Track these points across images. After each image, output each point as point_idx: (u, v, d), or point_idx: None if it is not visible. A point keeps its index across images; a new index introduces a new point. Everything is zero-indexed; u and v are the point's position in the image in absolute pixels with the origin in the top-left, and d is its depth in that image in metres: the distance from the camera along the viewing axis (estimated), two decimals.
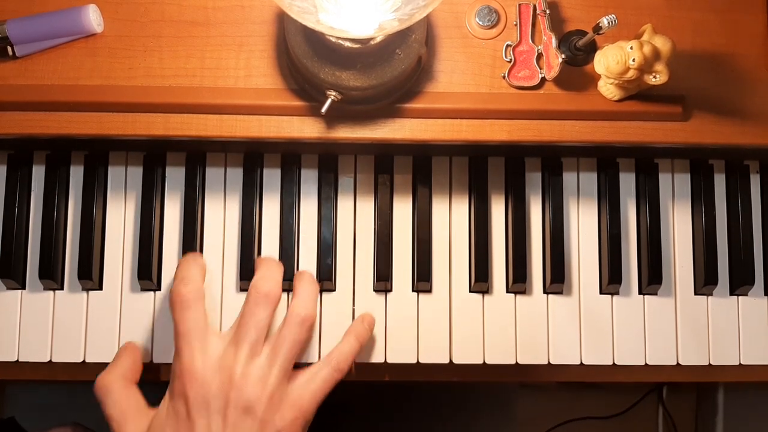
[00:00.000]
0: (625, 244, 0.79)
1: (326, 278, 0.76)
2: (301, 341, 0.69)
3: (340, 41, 0.64)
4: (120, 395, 0.67)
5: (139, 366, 0.71)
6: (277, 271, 0.72)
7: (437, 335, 0.76)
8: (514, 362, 0.76)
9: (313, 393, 0.68)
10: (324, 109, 0.67)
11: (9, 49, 0.71)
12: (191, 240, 0.75)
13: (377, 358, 0.76)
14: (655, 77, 0.68)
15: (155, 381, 0.75)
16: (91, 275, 0.75)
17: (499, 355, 0.76)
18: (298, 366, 0.71)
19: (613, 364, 0.77)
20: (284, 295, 0.76)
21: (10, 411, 1.12)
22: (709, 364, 0.78)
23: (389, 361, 0.76)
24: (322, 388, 0.69)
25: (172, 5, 0.72)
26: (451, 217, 0.78)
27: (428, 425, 1.16)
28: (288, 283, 0.75)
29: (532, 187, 0.79)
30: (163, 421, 0.66)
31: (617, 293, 0.78)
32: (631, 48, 0.67)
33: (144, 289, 0.76)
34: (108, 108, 0.71)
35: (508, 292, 0.78)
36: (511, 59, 0.72)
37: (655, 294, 0.78)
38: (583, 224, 0.79)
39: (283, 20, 0.69)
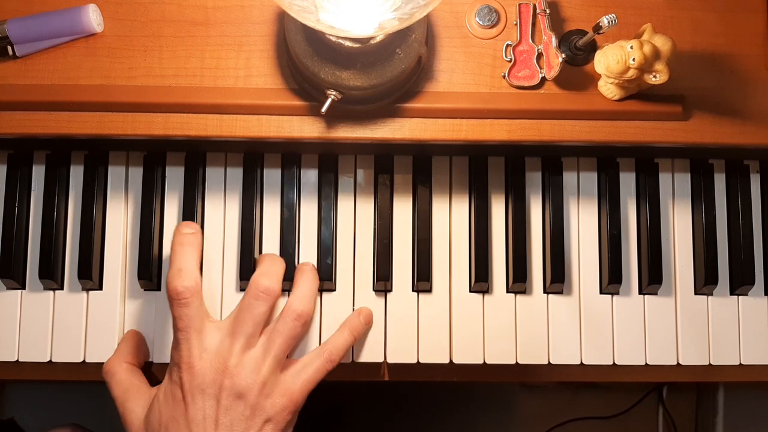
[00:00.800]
0: (625, 244, 0.79)
1: (326, 278, 0.76)
2: (296, 336, 0.71)
3: (340, 41, 0.64)
4: (122, 376, 0.71)
5: (141, 348, 0.74)
6: (278, 268, 0.73)
7: (437, 335, 0.76)
8: (514, 362, 0.76)
9: (304, 382, 0.70)
10: (324, 109, 0.67)
11: (9, 48, 0.71)
12: None
13: (377, 358, 0.76)
14: (655, 77, 0.68)
15: (155, 382, 0.75)
16: (91, 275, 0.75)
17: (499, 355, 0.76)
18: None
19: (613, 364, 0.77)
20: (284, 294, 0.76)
21: (10, 411, 1.12)
22: (709, 364, 0.78)
23: (389, 361, 0.76)
24: (312, 378, 0.71)
25: (172, 5, 0.72)
26: (451, 217, 0.78)
27: (428, 425, 1.16)
28: (288, 283, 0.75)
29: (532, 186, 0.79)
30: (161, 402, 0.69)
31: (617, 293, 0.78)
32: (631, 47, 0.67)
33: (144, 289, 0.76)
34: (108, 108, 0.71)
35: (508, 291, 0.77)
36: (511, 59, 0.72)
37: (655, 294, 0.78)
38: (583, 224, 0.79)
39: (283, 20, 0.69)
